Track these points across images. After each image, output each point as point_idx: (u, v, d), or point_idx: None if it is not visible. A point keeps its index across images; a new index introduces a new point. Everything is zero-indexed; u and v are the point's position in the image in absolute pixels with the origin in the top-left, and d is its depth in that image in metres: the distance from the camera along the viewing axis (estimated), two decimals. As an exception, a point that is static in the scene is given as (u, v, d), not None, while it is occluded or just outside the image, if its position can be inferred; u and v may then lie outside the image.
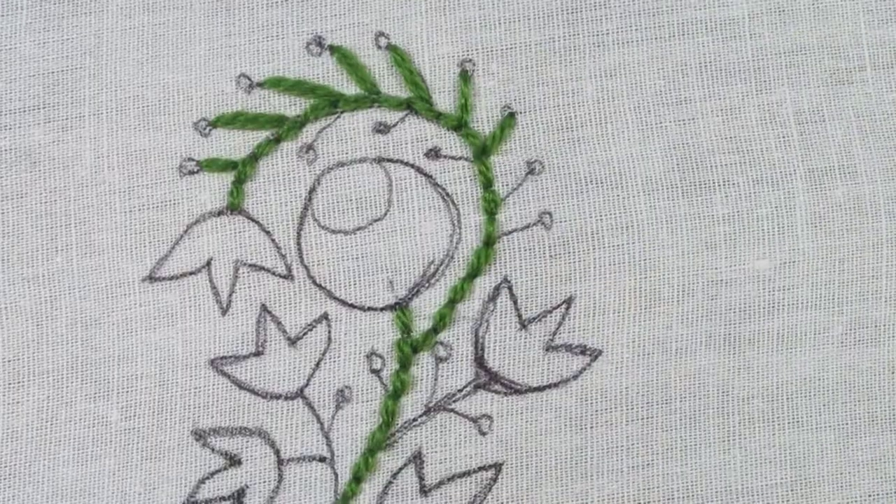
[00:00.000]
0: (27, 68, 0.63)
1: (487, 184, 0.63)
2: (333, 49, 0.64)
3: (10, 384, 0.62)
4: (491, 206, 0.62)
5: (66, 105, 0.63)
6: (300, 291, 0.62)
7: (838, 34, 0.64)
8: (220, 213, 0.63)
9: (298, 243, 0.62)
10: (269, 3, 0.64)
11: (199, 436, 0.62)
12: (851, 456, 0.63)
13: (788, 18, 0.64)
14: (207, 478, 0.62)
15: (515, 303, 0.62)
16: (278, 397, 0.62)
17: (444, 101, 0.64)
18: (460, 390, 0.62)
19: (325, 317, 0.62)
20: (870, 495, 0.63)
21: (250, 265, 0.62)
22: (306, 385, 0.62)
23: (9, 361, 0.62)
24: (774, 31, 0.64)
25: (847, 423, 0.63)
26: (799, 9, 0.64)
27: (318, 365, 0.62)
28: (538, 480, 0.62)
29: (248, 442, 0.62)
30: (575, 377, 0.62)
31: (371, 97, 0.63)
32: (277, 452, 0.62)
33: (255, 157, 0.63)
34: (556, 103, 0.64)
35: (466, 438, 0.62)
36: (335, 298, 0.62)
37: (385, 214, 0.63)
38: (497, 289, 0.62)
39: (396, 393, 0.62)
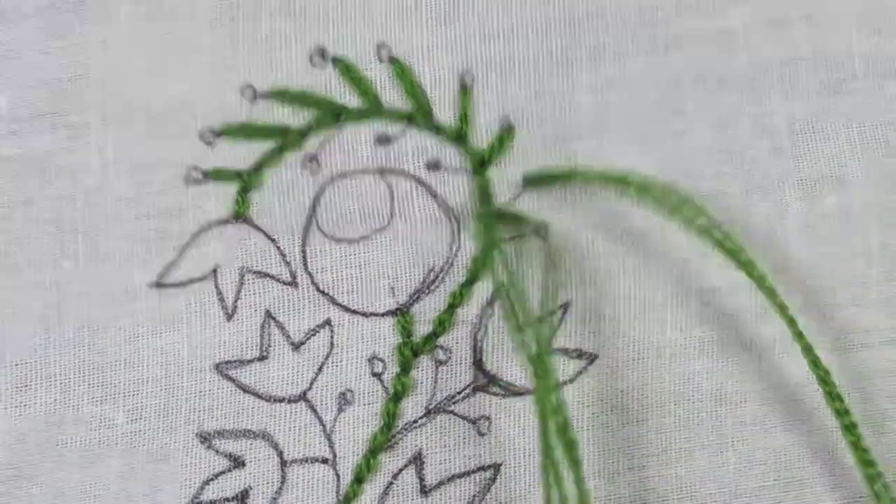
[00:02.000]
0: (34, 76, 0.64)
1: (486, 197, 0.64)
2: (336, 61, 0.65)
3: (17, 387, 0.62)
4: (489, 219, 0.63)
5: (72, 113, 0.64)
6: (304, 298, 0.63)
7: (831, 45, 0.65)
8: (225, 222, 0.64)
9: (303, 251, 0.64)
10: (272, 14, 0.65)
11: (204, 438, 0.63)
12: (842, 458, 0.64)
13: (782, 29, 0.65)
14: (212, 479, 0.62)
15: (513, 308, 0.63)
16: (282, 400, 0.63)
17: (445, 113, 0.65)
18: (459, 392, 0.63)
19: (327, 322, 0.63)
20: (861, 497, 0.64)
21: (255, 272, 0.63)
22: (309, 388, 0.63)
23: (17, 365, 0.63)
24: (769, 42, 0.65)
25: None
26: (792, 20, 0.66)
27: (320, 369, 0.63)
28: (535, 481, 0.63)
29: (251, 444, 0.63)
30: (571, 381, 0.63)
31: (373, 109, 0.64)
32: (281, 454, 0.63)
33: (259, 167, 0.64)
34: (553, 116, 0.65)
35: (466, 440, 0.63)
36: (338, 304, 0.63)
37: (387, 225, 0.64)
38: (495, 294, 0.63)
39: (397, 396, 0.63)
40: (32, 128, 0.64)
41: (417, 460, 0.63)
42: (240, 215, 0.64)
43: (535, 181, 0.64)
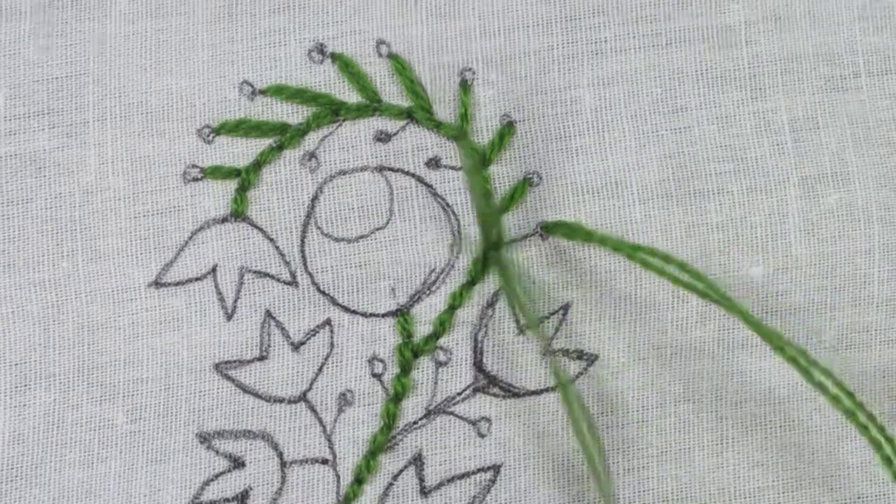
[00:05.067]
0: (31, 74, 0.64)
1: (486, 194, 0.63)
2: (335, 57, 0.64)
3: (17, 387, 0.62)
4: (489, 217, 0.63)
5: (70, 111, 0.64)
6: (304, 298, 0.63)
7: (833, 42, 0.65)
8: (224, 220, 0.63)
9: (302, 250, 0.63)
10: (271, 9, 0.64)
11: (204, 438, 0.63)
12: (842, 459, 0.64)
13: (784, 26, 0.65)
14: (212, 480, 0.63)
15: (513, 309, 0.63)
16: (282, 401, 0.63)
17: (445, 110, 0.64)
18: (459, 393, 0.63)
19: (327, 322, 0.63)
20: (859, 497, 0.64)
21: (255, 271, 0.63)
22: (309, 389, 0.63)
23: (16, 365, 0.63)
24: (770, 39, 0.65)
25: (838, 427, 0.64)
26: (794, 16, 0.65)
27: (320, 369, 0.63)
28: (535, 482, 0.63)
29: (251, 445, 0.63)
30: (571, 381, 0.63)
31: (372, 106, 0.64)
32: (280, 455, 0.63)
33: (258, 165, 0.64)
34: (554, 112, 0.64)
35: (466, 441, 0.63)
36: (338, 304, 0.63)
37: (387, 223, 0.64)
38: (495, 295, 0.63)
39: (397, 396, 0.63)
40: (30, 126, 0.63)
41: (417, 461, 0.63)
42: (238, 213, 0.63)
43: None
